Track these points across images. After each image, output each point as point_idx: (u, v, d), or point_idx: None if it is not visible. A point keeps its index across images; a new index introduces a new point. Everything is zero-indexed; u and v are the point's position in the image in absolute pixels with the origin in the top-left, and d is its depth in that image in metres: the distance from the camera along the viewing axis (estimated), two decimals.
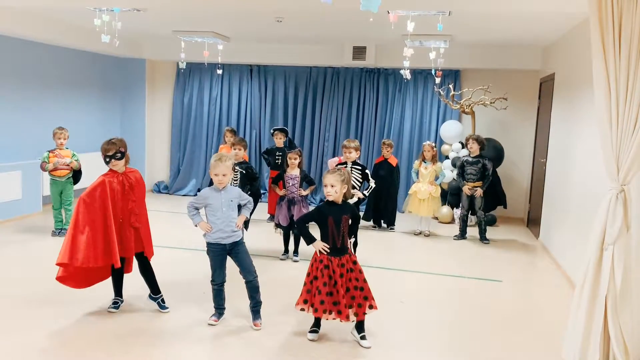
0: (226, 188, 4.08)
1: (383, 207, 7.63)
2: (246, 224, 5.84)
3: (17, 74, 7.57)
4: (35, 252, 5.91)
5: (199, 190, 9.90)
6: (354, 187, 5.72)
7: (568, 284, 5.48)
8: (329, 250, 3.80)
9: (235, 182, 5.72)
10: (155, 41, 9.40)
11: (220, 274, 4.16)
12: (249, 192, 5.91)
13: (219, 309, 4.23)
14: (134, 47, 9.40)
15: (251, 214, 5.95)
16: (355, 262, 3.87)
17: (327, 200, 3.91)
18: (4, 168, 7.09)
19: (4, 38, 7.23)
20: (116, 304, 4.35)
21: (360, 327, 3.91)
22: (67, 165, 6.52)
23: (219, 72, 9.02)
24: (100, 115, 9.45)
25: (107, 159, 4.09)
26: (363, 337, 3.89)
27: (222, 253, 4.12)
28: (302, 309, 3.88)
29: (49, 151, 6.56)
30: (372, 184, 5.85)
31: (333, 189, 3.84)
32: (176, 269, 5.52)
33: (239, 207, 4.22)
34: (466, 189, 7.16)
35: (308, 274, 3.93)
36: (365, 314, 3.85)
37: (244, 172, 5.81)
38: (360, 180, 5.81)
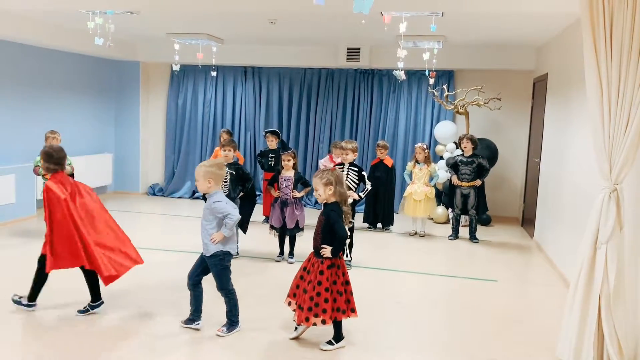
0: (210, 195, 3.91)
1: (380, 209, 7.64)
2: (243, 226, 5.86)
3: (10, 76, 7.54)
4: (29, 256, 5.87)
5: (193, 192, 9.89)
6: (349, 189, 5.73)
7: (563, 283, 5.50)
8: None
9: (225, 184, 5.66)
10: (149, 43, 9.39)
11: (191, 275, 4.05)
12: (243, 194, 5.91)
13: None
14: (128, 50, 9.38)
15: (250, 215, 5.99)
16: (321, 272, 3.69)
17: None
18: None
19: None
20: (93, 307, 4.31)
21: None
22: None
23: (213, 74, 9.01)
24: (94, 118, 9.43)
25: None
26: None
27: (201, 257, 4.05)
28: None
29: None
30: (369, 186, 5.85)
31: (317, 192, 3.82)
32: (169, 272, 5.51)
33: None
34: (455, 179, 7.18)
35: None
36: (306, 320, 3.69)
37: (234, 173, 5.79)
38: (357, 181, 5.80)
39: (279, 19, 6.65)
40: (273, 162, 7.57)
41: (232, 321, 4.02)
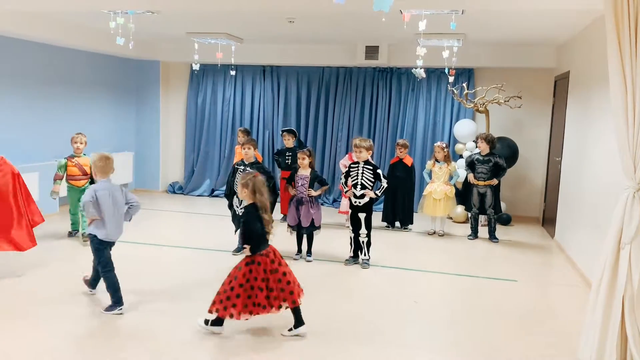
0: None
1: (399, 208, 7.62)
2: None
3: (33, 76, 7.67)
4: (51, 252, 5.98)
5: (212, 190, 9.97)
6: (364, 187, 5.71)
7: (584, 284, 5.43)
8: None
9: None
10: (169, 43, 9.47)
11: None
12: None
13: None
14: (148, 49, 9.48)
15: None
16: (239, 268, 3.89)
17: None
18: (22, 169, 7.14)
19: (22, 42, 7.33)
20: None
21: None
22: (86, 175, 6.39)
23: (232, 73, 9.06)
24: (115, 117, 9.54)
25: None
26: None
27: None
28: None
29: (67, 158, 6.41)
30: (385, 183, 5.82)
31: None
32: (188, 269, 5.55)
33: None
34: (471, 176, 7.13)
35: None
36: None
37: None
38: (372, 180, 5.77)
39: (297, 18, 6.66)
40: (290, 161, 7.60)
41: (112, 301, 4.29)
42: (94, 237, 4.27)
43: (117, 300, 4.29)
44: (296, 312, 3.99)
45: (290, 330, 3.99)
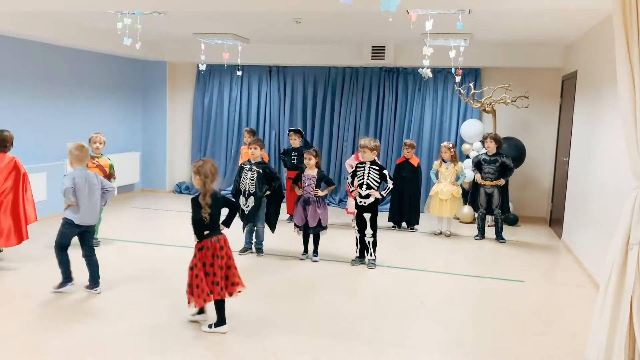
0: None
1: (406, 208, 7.61)
2: (271, 226, 5.97)
3: (40, 77, 7.71)
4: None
5: (219, 190, 9.97)
6: (370, 187, 5.70)
7: (592, 284, 5.40)
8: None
9: (252, 181, 5.81)
10: (176, 43, 9.50)
11: None
12: (270, 193, 5.97)
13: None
14: (155, 50, 9.51)
15: (277, 214, 6.06)
16: (194, 255, 4.02)
17: None
18: (30, 170, 7.19)
19: (28, 42, 7.37)
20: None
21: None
22: (106, 176, 5.96)
23: (239, 73, 9.08)
24: (122, 117, 9.58)
25: None
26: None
27: None
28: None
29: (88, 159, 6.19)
30: (390, 184, 5.79)
31: None
32: None
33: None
34: (478, 176, 7.11)
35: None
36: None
37: (261, 172, 5.86)
38: (378, 180, 5.77)
39: (304, 18, 6.67)
40: (296, 161, 7.61)
41: (63, 278, 4.67)
42: (69, 221, 4.59)
43: (67, 278, 4.69)
44: (221, 307, 4.02)
45: (210, 326, 4.04)
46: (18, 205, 5.24)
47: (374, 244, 5.84)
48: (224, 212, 4.20)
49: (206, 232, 3.98)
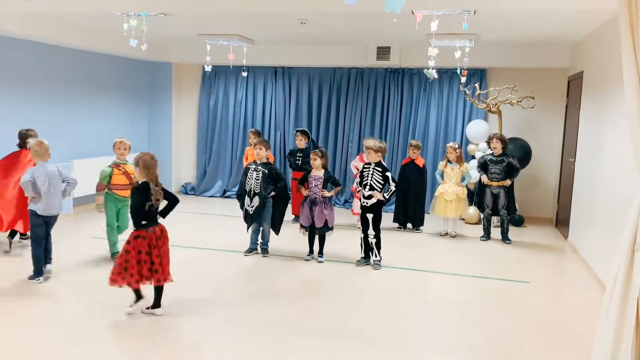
0: None
1: (411, 209, 7.60)
2: (276, 227, 5.99)
3: (46, 78, 7.75)
4: (65, 254, 6.03)
5: (225, 191, 10.01)
6: (373, 189, 5.70)
7: (598, 286, 5.38)
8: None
9: (257, 180, 5.82)
10: (182, 45, 9.53)
11: None
12: (275, 194, 5.97)
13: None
14: (160, 51, 9.54)
15: (282, 215, 6.07)
16: (128, 242, 4.21)
17: None
18: None
19: (33, 43, 7.41)
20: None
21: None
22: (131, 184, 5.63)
23: (244, 74, 9.09)
24: (128, 118, 9.61)
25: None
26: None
27: None
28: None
29: (113, 166, 5.76)
30: (393, 187, 5.75)
31: None
32: (199, 269, 5.58)
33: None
34: (485, 178, 7.09)
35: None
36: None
37: (266, 172, 5.87)
38: (382, 182, 5.75)
39: (309, 19, 6.67)
40: (300, 162, 7.62)
41: (34, 271, 5.00)
42: (33, 212, 4.95)
43: (38, 271, 4.99)
44: (158, 292, 4.30)
45: (148, 308, 4.30)
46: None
47: (378, 245, 5.83)
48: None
49: (144, 222, 4.18)
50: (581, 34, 6.93)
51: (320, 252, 6.00)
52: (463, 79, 7.11)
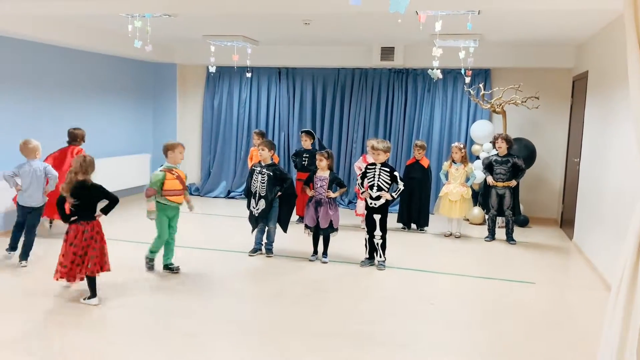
0: None
1: (415, 209, 7.59)
2: (283, 226, 6.00)
3: (50, 79, 7.77)
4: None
5: (229, 192, 10.02)
6: (380, 189, 5.71)
7: (603, 287, 5.36)
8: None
9: (262, 183, 5.82)
10: (186, 46, 9.55)
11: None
12: (281, 194, 5.98)
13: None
14: (165, 52, 9.56)
15: (289, 215, 6.07)
16: (67, 232, 4.53)
17: None
18: None
19: (39, 45, 7.44)
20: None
21: None
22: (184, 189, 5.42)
23: (248, 75, 9.11)
24: (133, 119, 9.64)
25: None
26: None
27: None
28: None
29: (165, 169, 5.28)
30: (401, 186, 5.80)
31: None
32: (204, 269, 5.59)
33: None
34: (490, 179, 7.08)
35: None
36: None
37: (271, 174, 5.87)
38: (389, 182, 5.77)
39: (313, 20, 6.68)
40: (306, 162, 7.61)
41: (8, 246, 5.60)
42: (17, 202, 5.54)
43: (12, 247, 5.60)
44: (92, 282, 4.50)
45: (84, 299, 4.51)
46: None
47: (383, 245, 5.83)
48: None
49: (73, 218, 4.47)
50: (586, 33, 6.91)
51: (325, 253, 6.00)
52: (467, 79, 7.10)
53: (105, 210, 4.60)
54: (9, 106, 7.03)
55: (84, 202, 4.44)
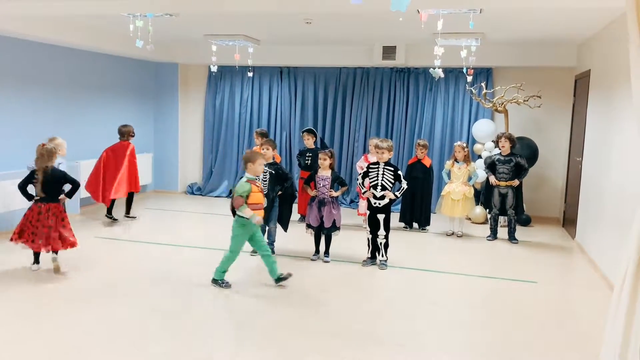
0: None
1: (417, 208, 7.58)
2: (284, 225, 6.01)
3: (52, 78, 7.78)
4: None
5: (230, 191, 10.02)
6: (385, 188, 5.70)
7: (606, 286, 5.34)
8: None
9: (264, 182, 5.81)
10: (187, 45, 9.55)
11: None
12: (282, 193, 5.98)
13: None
14: (166, 52, 9.57)
15: (290, 214, 6.06)
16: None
17: None
18: None
19: (40, 45, 7.45)
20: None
21: None
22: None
23: (250, 74, 9.10)
24: (135, 119, 9.63)
25: None
26: None
27: None
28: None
29: (250, 181, 4.96)
30: (405, 185, 5.80)
31: None
32: (206, 269, 5.59)
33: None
34: (493, 179, 7.06)
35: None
36: None
37: (273, 172, 5.87)
38: (393, 181, 5.76)
39: (315, 19, 6.67)
40: (309, 161, 7.61)
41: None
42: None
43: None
44: (36, 255, 5.33)
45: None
46: (131, 177, 7.54)
47: (386, 245, 5.83)
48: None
49: (36, 198, 5.19)
50: (588, 32, 6.89)
51: (327, 252, 6.00)
52: (469, 78, 7.08)
53: (70, 194, 5.34)
54: (9, 106, 7.03)
55: (48, 187, 5.16)
